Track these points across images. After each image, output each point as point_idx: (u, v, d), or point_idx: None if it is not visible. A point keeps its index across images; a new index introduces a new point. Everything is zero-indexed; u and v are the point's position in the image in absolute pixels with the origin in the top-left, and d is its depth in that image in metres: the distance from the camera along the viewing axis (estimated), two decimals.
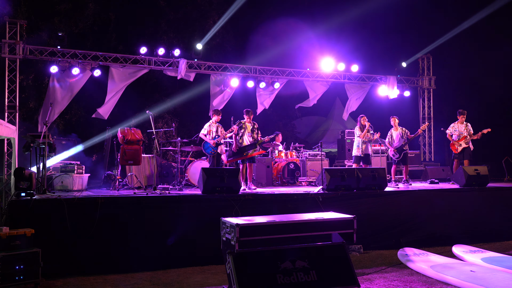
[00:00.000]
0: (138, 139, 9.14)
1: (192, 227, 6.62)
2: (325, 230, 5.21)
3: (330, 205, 7.32)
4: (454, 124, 10.32)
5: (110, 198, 6.64)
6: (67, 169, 8.62)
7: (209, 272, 6.29)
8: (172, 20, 15.66)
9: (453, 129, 10.28)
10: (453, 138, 10.23)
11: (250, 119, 9.07)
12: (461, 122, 10.22)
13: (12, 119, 10.30)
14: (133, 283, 5.79)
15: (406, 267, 6.43)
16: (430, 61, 14.72)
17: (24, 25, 10.68)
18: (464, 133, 10.10)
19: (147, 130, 11.31)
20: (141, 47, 11.72)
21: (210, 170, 7.50)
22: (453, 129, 10.29)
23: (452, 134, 10.28)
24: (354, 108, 14.32)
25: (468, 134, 10.06)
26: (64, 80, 11.13)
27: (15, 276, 5.29)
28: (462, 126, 10.19)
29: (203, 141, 9.17)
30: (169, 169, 10.30)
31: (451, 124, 10.40)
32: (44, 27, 13.59)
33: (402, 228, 7.95)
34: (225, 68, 12.63)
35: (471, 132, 10.11)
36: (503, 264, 6.21)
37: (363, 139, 9.93)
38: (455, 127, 10.27)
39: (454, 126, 10.31)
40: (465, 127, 10.17)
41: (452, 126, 10.34)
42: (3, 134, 7.36)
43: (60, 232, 6.12)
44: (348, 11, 15.04)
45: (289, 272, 4.71)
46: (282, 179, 11.09)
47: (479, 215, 8.47)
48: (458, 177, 9.21)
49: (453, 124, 10.36)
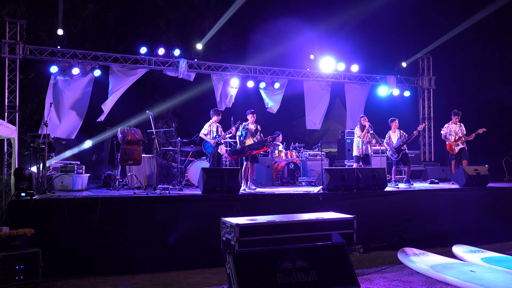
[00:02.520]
0: (138, 139, 9.14)
1: (192, 227, 6.62)
2: (325, 230, 5.21)
3: (330, 205, 7.33)
4: (449, 125, 10.27)
5: (110, 198, 6.64)
6: (67, 169, 8.61)
7: (209, 272, 6.30)
8: (171, 20, 15.66)
9: (448, 130, 10.24)
10: (448, 139, 10.20)
11: (253, 120, 9.10)
12: (455, 123, 10.18)
13: (12, 119, 10.30)
14: (133, 283, 5.79)
15: (406, 267, 6.43)
16: (430, 61, 14.73)
17: (24, 25, 10.68)
18: (459, 133, 10.09)
19: (147, 130, 11.32)
20: (141, 47, 11.73)
21: (210, 170, 7.50)
22: (447, 130, 10.25)
23: (446, 135, 10.25)
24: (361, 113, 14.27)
25: (462, 135, 10.04)
26: (65, 80, 11.12)
27: (15, 276, 5.29)
28: (457, 127, 10.15)
29: (203, 140, 9.17)
30: (169, 169, 10.30)
31: (445, 125, 10.36)
32: (44, 27, 13.59)
33: (402, 228, 7.95)
34: (225, 68, 12.63)
35: (464, 132, 10.08)
36: (503, 264, 6.21)
37: (363, 139, 9.93)
38: (449, 128, 10.23)
39: (448, 127, 10.26)
40: (459, 127, 10.14)
41: (446, 127, 10.29)
42: (3, 134, 7.35)
43: (60, 232, 6.12)
44: (348, 11, 15.03)
45: (289, 272, 4.71)
46: (282, 179, 11.09)
47: (479, 215, 8.46)
48: (458, 177, 9.21)
49: (447, 124, 10.31)
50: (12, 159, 9.22)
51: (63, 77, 11.10)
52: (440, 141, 10.81)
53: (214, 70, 12.54)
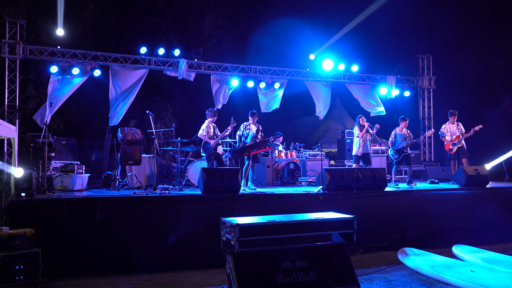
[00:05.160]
0: (138, 139, 9.14)
1: (192, 227, 6.62)
2: (325, 230, 5.21)
3: (330, 205, 7.33)
4: (446, 125, 10.36)
5: (110, 198, 6.64)
6: (67, 169, 8.61)
7: (209, 272, 6.30)
8: (171, 21, 15.68)
9: (445, 130, 10.33)
10: (446, 138, 10.25)
11: (255, 121, 9.12)
12: (452, 123, 10.27)
13: (12, 119, 10.30)
14: (133, 283, 5.79)
15: (406, 267, 6.43)
16: (430, 61, 14.72)
17: (24, 25, 10.68)
18: (457, 132, 10.14)
19: (147, 130, 11.31)
20: (141, 47, 11.71)
21: (210, 170, 7.51)
22: (445, 130, 10.34)
23: (444, 135, 10.30)
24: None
25: (460, 134, 10.09)
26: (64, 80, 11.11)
27: (15, 276, 5.29)
28: (454, 126, 10.23)
29: (203, 142, 9.16)
30: (169, 169, 10.30)
31: (443, 125, 10.44)
32: (44, 27, 13.59)
33: (402, 228, 7.94)
34: (225, 68, 12.63)
35: (463, 131, 10.14)
36: (503, 264, 6.22)
37: (362, 138, 9.93)
38: (446, 128, 10.32)
39: (445, 127, 10.35)
40: (456, 126, 10.21)
41: (443, 127, 10.38)
42: (3, 134, 7.35)
43: (60, 232, 6.12)
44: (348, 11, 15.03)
45: (289, 272, 4.71)
46: (282, 179, 11.09)
47: (479, 215, 8.46)
48: (458, 177, 9.21)
49: (444, 125, 10.40)
50: (12, 159, 9.22)
51: (63, 77, 11.09)
52: (440, 141, 10.82)
53: (214, 70, 12.54)
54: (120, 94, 11.50)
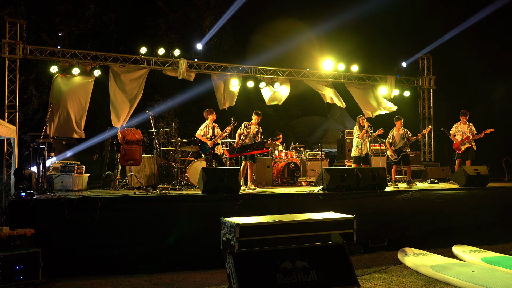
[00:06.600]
0: (138, 139, 9.14)
1: (192, 227, 6.62)
2: (325, 230, 5.21)
3: (330, 205, 7.33)
4: (457, 125, 10.44)
5: (110, 198, 6.64)
6: (67, 169, 8.61)
7: (209, 272, 6.29)
8: (171, 21, 15.67)
9: (456, 130, 10.41)
10: (456, 138, 10.30)
11: (257, 121, 9.13)
12: (464, 123, 10.35)
13: (12, 119, 10.30)
14: (133, 283, 5.79)
15: (406, 267, 6.43)
16: (430, 61, 14.71)
17: (24, 25, 10.67)
18: (467, 133, 10.18)
19: (147, 130, 11.31)
20: (141, 47, 11.71)
21: (210, 170, 7.51)
22: (456, 130, 10.42)
23: (455, 135, 10.35)
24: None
25: (471, 134, 10.13)
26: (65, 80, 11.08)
27: (15, 276, 5.29)
28: (465, 127, 10.30)
29: (201, 141, 9.16)
30: (169, 169, 10.30)
31: (454, 124, 10.51)
32: (44, 27, 13.58)
33: (402, 228, 7.94)
34: (225, 68, 12.63)
35: (474, 132, 10.19)
36: (503, 264, 6.22)
37: (362, 139, 9.93)
38: (458, 128, 10.40)
39: (457, 126, 10.43)
40: (467, 127, 10.28)
41: (455, 127, 10.46)
42: (3, 134, 7.35)
43: (60, 232, 6.11)
44: (348, 11, 15.04)
45: (289, 272, 4.71)
46: (282, 179, 11.09)
47: (479, 215, 8.46)
48: (458, 177, 9.21)
49: (456, 124, 10.48)
50: (12, 159, 9.23)
51: (63, 77, 11.07)
52: (440, 141, 10.84)
53: (214, 70, 12.54)
54: (122, 97, 11.50)
